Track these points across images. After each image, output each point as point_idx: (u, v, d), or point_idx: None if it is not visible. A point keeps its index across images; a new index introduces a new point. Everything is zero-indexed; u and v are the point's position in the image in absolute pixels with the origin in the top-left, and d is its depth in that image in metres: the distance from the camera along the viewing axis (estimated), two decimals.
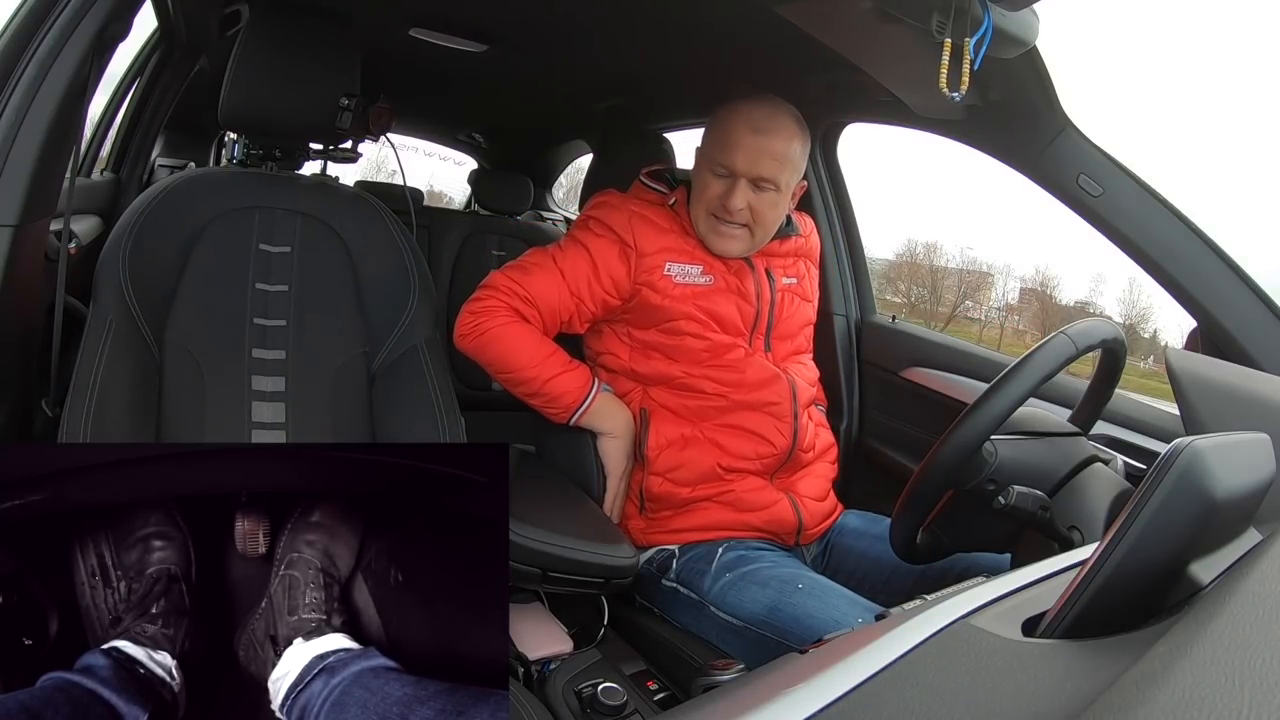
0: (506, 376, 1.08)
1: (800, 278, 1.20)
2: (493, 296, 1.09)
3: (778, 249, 1.16)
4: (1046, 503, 0.80)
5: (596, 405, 1.08)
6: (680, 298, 1.09)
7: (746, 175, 1.06)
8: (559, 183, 2.98)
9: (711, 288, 1.10)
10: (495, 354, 1.07)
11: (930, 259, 11.18)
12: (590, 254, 1.09)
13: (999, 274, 11.34)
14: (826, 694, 0.36)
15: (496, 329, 1.07)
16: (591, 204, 1.15)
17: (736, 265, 1.12)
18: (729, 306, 1.10)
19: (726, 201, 1.07)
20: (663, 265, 1.09)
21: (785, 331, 1.16)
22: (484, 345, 1.07)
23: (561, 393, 1.08)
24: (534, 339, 1.08)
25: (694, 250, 1.11)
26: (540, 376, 1.07)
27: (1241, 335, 1.03)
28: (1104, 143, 1.12)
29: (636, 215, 1.11)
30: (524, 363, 1.07)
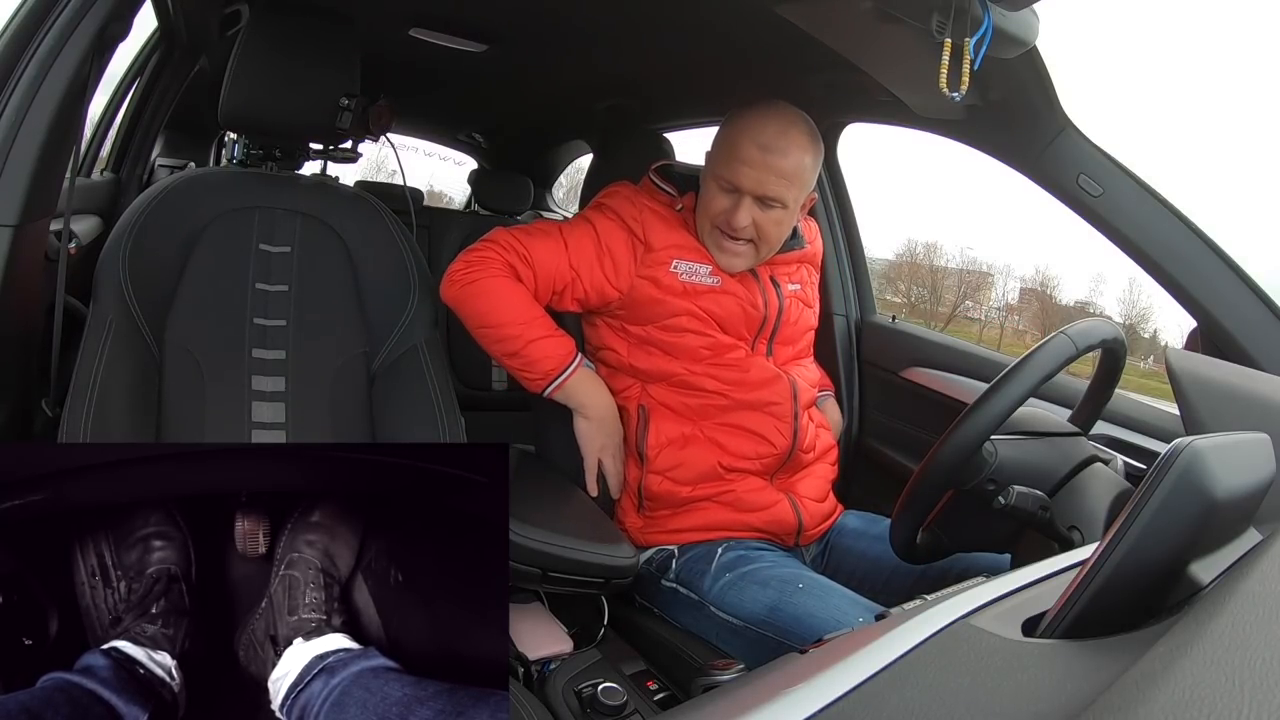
0: (488, 331, 1.05)
1: (803, 284, 1.19)
2: (491, 249, 1.06)
3: (782, 258, 1.15)
4: (1046, 503, 0.80)
5: (575, 379, 1.06)
6: (682, 294, 1.08)
7: (752, 194, 1.03)
8: (559, 183, 2.97)
9: (718, 289, 1.09)
10: (482, 305, 1.04)
11: (930, 259, 11.18)
12: (597, 233, 1.08)
13: (999, 274, 11.34)
14: (826, 694, 0.36)
15: (488, 279, 1.04)
16: (605, 192, 1.15)
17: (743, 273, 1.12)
18: (734, 310, 1.09)
19: (731, 219, 1.04)
20: (670, 261, 1.08)
21: (788, 337, 1.15)
22: (473, 295, 1.04)
23: (542, 357, 1.05)
24: (524, 297, 1.06)
25: (704, 250, 1.10)
26: (524, 336, 1.04)
27: (1241, 335, 1.03)
28: (1104, 143, 1.12)
29: (648, 209, 1.10)
30: (509, 318, 1.04)
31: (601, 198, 1.14)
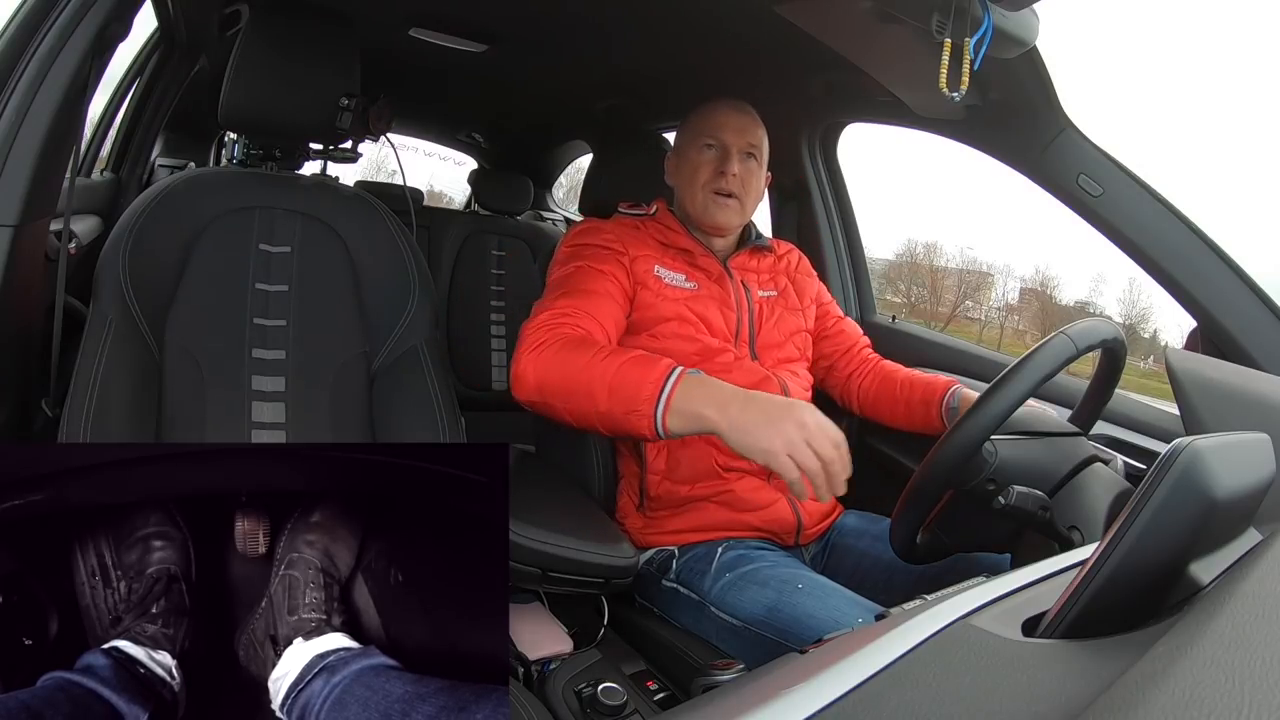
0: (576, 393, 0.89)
1: (781, 290, 1.22)
2: (546, 324, 0.97)
3: (750, 263, 1.20)
4: (1046, 503, 0.80)
5: (682, 389, 0.83)
6: (672, 298, 1.11)
7: (736, 145, 1.13)
8: (559, 183, 2.98)
9: (697, 293, 1.13)
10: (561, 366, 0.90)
11: (930, 259, 11.18)
12: (598, 270, 1.08)
13: (999, 274, 11.33)
14: (826, 694, 0.36)
15: (560, 343, 0.93)
16: (575, 233, 1.16)
17: (717, 273, 1.15)
18: (714, 311, 1.12)
19: (724, 168, 1.12)
20: (652, 268, 1.11)
21: (770, 340, 1.17)
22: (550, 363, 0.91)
23: (634, 380, 0.85)
24: (598, 340, 0.96)
25: (675, 259, 1.14)
26: (608, 369, 0.87)
27: (1241, 335, 1.04)
28: (1104, 143, 1.12)
29: (620, 230, 1.14)
30: (586, 360, 0.89)
31: (574, 240, 1.14)
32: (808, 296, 1.26)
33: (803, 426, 0.77)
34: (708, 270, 1.15)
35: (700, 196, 1.14)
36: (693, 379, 0.85)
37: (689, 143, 1.16)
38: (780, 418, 0.78)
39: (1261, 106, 28.27)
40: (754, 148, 1.15)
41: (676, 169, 1.19)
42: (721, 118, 1.14)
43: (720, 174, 1.12)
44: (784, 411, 0.78)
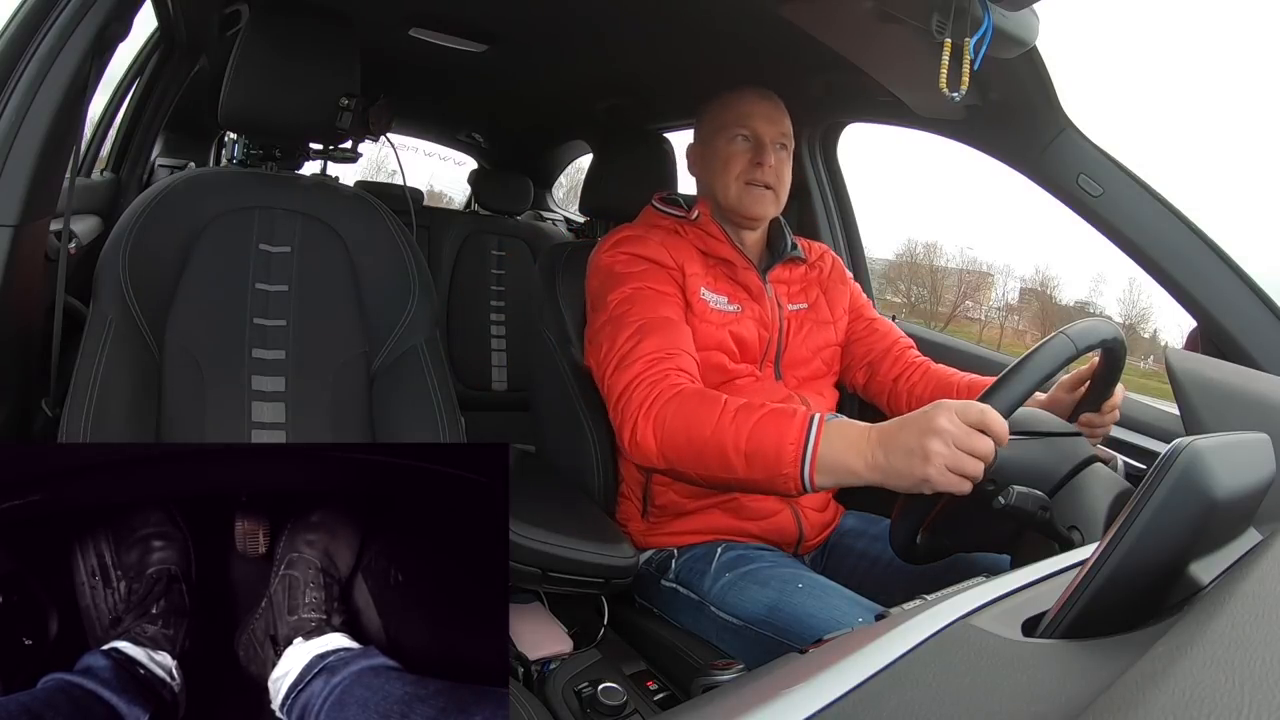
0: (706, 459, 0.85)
1: (813, 303, 1.18)
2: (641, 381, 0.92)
3: (784, 274, 1.17)
4: (1046, 503, 0.80)
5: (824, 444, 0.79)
6: (716, 323, 1.07)
7: (768, 135, 1.11)
8: (559, 183, 2.98)
9: (740, 315, 1.09)
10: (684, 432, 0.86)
11: (930, 259, 11.19)
12: (660, 292, 1.03)
13: (999, 274, 11.35)
14: (826, 694, 0.36)
15: (674, 400, 0.89)
16: (614, 241, 1.11)
17: (756, 289, 1.12)
18: (752, 332, 1.10)
19: (760, 159, 1.09)
20: (699, 289, 1.08)
21: (796, 358, 1.14)
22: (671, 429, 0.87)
23: (771, 440, 0.81)
24: (715, 396, 0.89)
25: (717, 274, 1.11)
26: (740, 431, 0.83)
27: (1241, 335, 1.04)
28: (1104, 143, 1.12)
29: (667, 238, 1.10)
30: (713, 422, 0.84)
31: (618, 250, 1.08)
32: (840, 306, 1.21)
33: (944, 434, 0.72)
34: (748, 286, 1.12)
35: (734, 188, 1.11)
36: (831, 428, 0.80)
37: (717, 134, 1.13)
38: (920, 440, 0.73)
39: (1261, 106, 28.29)
40: (785, 137, 1.13)
41: (704, 161, 1.16)
42: (750, 106, 1.12)
43: (756, 165, 1.10)
44: (921, 432, 0.73)
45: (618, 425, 0.94)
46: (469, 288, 2.18)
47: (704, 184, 1.17)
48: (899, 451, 0.75)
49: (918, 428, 0.74)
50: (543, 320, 1.27)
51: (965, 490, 0.74)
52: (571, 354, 1.24)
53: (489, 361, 2.18)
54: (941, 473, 0.73)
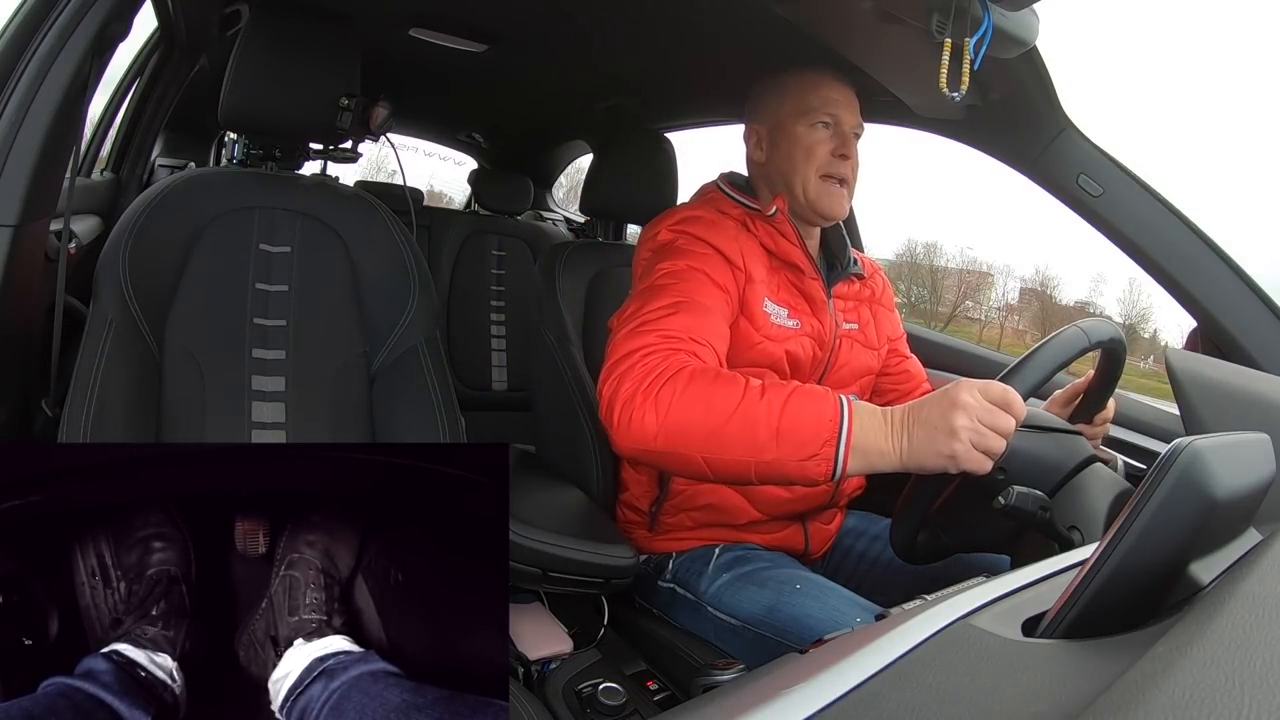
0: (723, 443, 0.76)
1: (863, 324, 1.11)
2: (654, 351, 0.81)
3: (844, 289, 1.10)
4: (1046, 503, 0.80)
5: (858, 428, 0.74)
6: (776, 339, 0.99)
7: (849, 124, 1.03)
8: (559, 183, 2.97)
9: (798, 332, 1.01)
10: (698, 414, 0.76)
11: (930, 259, 11.19)
12: (712, 280, 0.92)
13: (999, 274, 11.34)
14: (826, 694, 0.36)
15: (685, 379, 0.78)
16: (680, 219, 1.00)
17: (820, 302, 1.04)
18: (808, 350, 1.02)
19: (844, 149, 1.01)
20: (763, 299, 0.98)
21: (839, 379, 1.07)
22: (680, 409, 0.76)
23: (804, 419, 0.74)
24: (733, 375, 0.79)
25: (782, 280, 1.02)
26: (770, 410, 0.75)
27: (1241, 335, 1.04)
28: (1104, 143, 1.12)
29: (741, 235, 0.99)
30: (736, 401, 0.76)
31: (683, 226, 0.98)
32: (884, 334, 1.15)
33: (969, 409, 0.71)
34: (811, 298, 1.03)
35: (814, 182, 1.01)
36: (862, 410, 0.76)
37: (796, 118, 1.02)
38: (945, 417, 0.72)
39: (1261, 106, 28.30)
40: (861, 127, 1.04)
41: (778, 148, 1.03)
42: (834, 92, 1.02)
43: (841, 157, 1.01)
44: (946, 409, 0.72)
45: (607, 396, 0.81)
46: (469, 288, 2.18)
47: (774, 173, 1.04)
48: (924, 428, 0.73)
49: (941, 405, 0.73)
50: (543, 320, 1.27)
51: (986, 469, 0.73)
52: (571, 354, 1.24)
53: (489, 361, 2.18)
54: (967, 449, 0.71)
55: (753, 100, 1.10)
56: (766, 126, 1.06)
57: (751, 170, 1.09)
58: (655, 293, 0.90)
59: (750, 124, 1.09)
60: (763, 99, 1.07)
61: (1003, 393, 0.73)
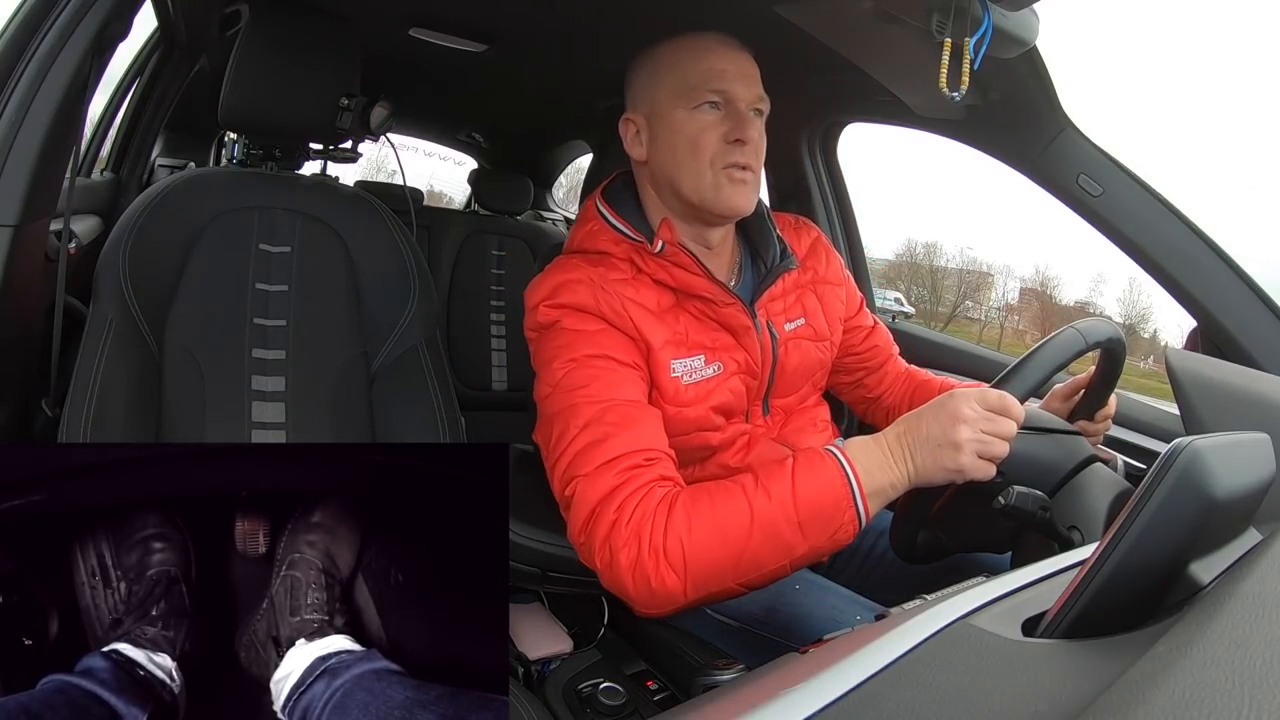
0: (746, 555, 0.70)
1: (809, 315, 0.98)
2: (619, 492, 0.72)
3: (777, 289, 0.95)
4: (1046, 503, 0.80)
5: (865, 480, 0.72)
6: (692, 401, 0.86)
7: (745, 99, 0.86)
8: (559, 183, 2.98)
9: (719, 376, 0.87)
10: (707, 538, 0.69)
11: (930, 259, 11.18)
12: (613, 358, 0.81)
13: (999, 274, 11.33)
14: (826, 694, 0.36)
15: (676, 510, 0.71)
16: (554, 289, 0.84)
17: (742, 327, 0.88)
18: (738, 386, 0.89)
19: (741, 133, 0.84)
20: (668, 365, 0.84)
21: (786, 387, 0.97)
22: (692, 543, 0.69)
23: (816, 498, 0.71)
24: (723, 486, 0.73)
25: (689, 331, 0.87)
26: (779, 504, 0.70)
27: (1241, 335, 1.04)
28: (1104, 143, 1.12)
29: (620, 294, 0.84)
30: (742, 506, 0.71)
31: (562, 301, 0.83)
32: (835, 314, 1.01)
33: (970, 421, 0.70)
34: (731, 327, 0.88)
35: (709, 176, 0.85)
36: (856, 450, 0.73)
37: (678, 99, 0.85)
38: (947, 432, 0.70)
39: (1261, 106, 28.33)
40: (762, 100, 0.88)
41: (658, 140, 0.87)
42: (720, 61, 0.85)
43: (735, 143, 0.84)
44: (945, 426, 0.71)
45: (603, 566, 0.72)
46: (469, 288, 2.18)
47: (658, 172, 0.89)
48: (927, 447, 0.72)
49: (941, 421, 0.71)
50: None
51: (991, 475, 0.72)
52: None
53: (489, 361, 2.18)
54: (974, 460, 0.70)
55: (627, 82, 0.92)
56: (643, 114, 0.89)
57: (635, 171, 0.93)
58: (569, 408, 0.78)
59: (626, 114, 0.91)
60: (637, 79, 0.90)
61: (999, 399, 0.72)
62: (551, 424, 0.80)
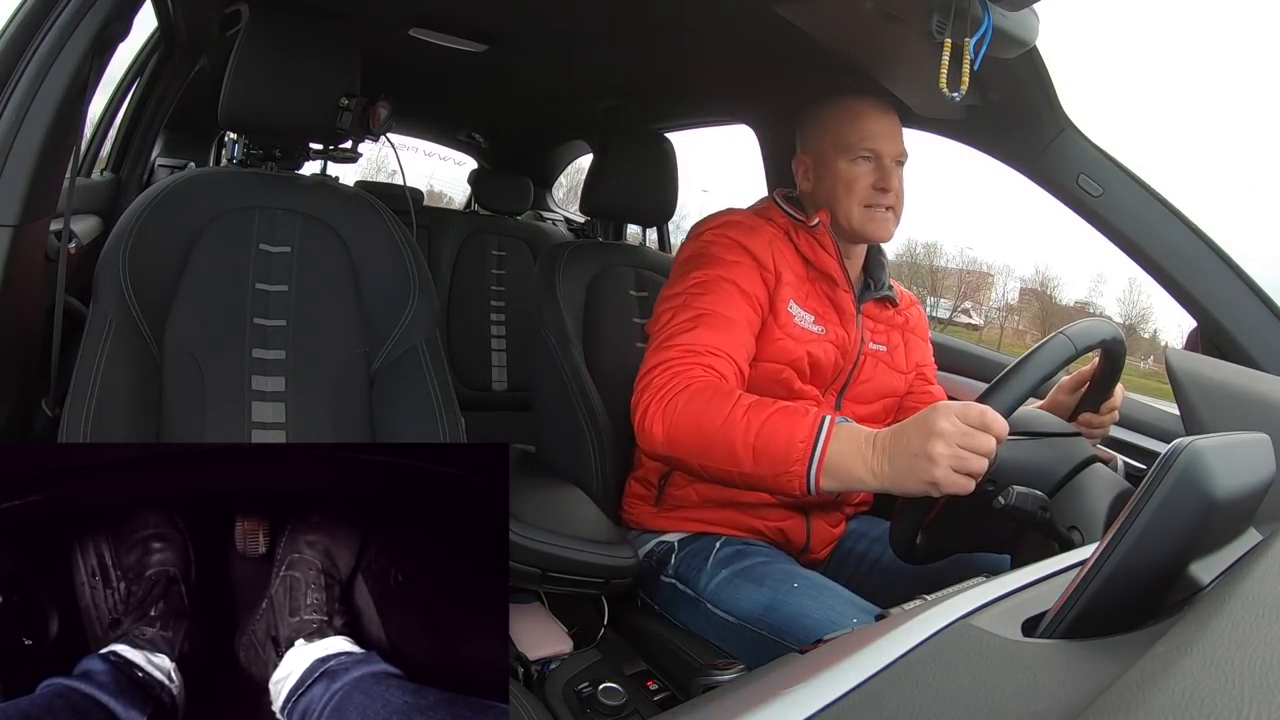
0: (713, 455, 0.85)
1: (891, 348, 1.14)
2: (671, 367, 0.91)
3: (874, 310, 1.13)
4: (1046, 503, 0.80)
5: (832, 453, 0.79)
6: (797, 339, 1.03)
7: (890, 154, 1.06)
8: (559, 183, 2.98)
9: (823, 338, 1.05)
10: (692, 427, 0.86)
11: (930, 259, 11.17)
12: (741, 289, 0.99)
13: (999, 274, 11.32)
14: (826, 694, 0.36)
15: (689, 394, 0.88)
16: (723, 222, 1.07)
17: (849, 314, 1.08)
18: (831, 357, 1.06)
19: (885, 182, 1.05)
20: (789, 301, 1.03)
21: (861, 395, 1.10)
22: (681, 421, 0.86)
23: (779, 440, 0.81)
24: (731, 391, 0.88)
25: (813, 288, 1.06)
26: (748, 431, 0.82)
27: (1241, 335, 1.04)
28: (1104, 143, 1.12)
29: (775, 240, 1.05)
30: (722, 419, 0.84)
31: (718, 230, 1.05)
32: (914, 361, 1.18)
33: (946, 435, 0.73)
34: (841, 309, 1.08)
35: (857, 212, 1.06)
36: (841, 432, 0.80)
37: (837, 154, 1.07)
38: (923, 444, 0.74)
39: (1261, 106, 28.34)
40: (904, 154, 1.08)
41: (820, 180, 1.09)
42: (873, 123, 1.06)
43: (881, 190, 1.05)
44: (924, 437, 0.74)
45: (634, 404, 0.93)
46: (469, 288, 2.18)
47: (820, 202, 1.10)
48: (903, 457, 0.76)
49: (919, 433, 0.75)
50: (543, 320, 1.27)
51: (969, 489, 0.75)
52: (571, 354, 1.24)
53: (489, 361, 2.18)
54: (948, 474, 0.73)
55: (799, 130, 1.14)
56: (812, 158, 1.11)
57: (802, 197, 1.14)
58: (684, 303, 0.98)
59: (799, 154, 1.13)
60: (807, 130, 1.12)
61: (980, 414, 0.74)
62: (660, 316, 1.00)
